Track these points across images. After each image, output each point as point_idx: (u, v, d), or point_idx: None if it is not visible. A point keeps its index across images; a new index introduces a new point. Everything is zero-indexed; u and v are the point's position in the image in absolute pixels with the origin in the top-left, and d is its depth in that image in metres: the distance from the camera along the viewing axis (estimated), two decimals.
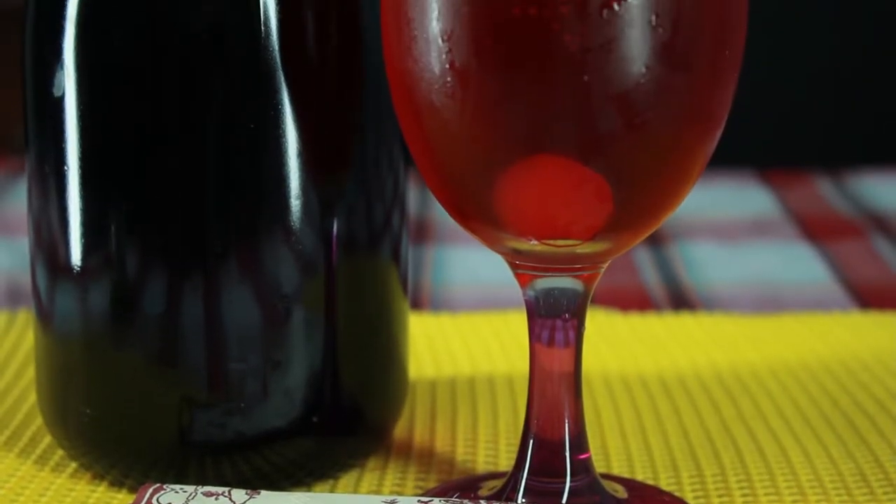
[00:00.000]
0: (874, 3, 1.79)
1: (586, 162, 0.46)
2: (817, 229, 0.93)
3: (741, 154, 1.14)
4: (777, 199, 1.01)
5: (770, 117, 1.74)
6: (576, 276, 0.50)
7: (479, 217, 0.48)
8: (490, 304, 0.78)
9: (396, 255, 0.57)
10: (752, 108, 1.36)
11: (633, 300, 0.79)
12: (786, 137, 1.76)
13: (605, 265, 0.50)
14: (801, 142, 1.75)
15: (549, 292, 0.50)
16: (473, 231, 0.49)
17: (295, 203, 0.52)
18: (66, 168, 0.52)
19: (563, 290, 0.50)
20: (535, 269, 0.49)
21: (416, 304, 0.79)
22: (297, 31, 0.51)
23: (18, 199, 0.99)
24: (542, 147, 0.46)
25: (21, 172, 1.05)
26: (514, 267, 0.50)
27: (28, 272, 0.56)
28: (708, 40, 0.46)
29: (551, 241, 0.48)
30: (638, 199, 0.47)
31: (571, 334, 0.51)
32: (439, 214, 0.96)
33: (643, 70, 0.44)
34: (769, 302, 0.79)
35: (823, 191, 1.03)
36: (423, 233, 0.93)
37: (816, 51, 1.81)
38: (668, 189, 0.48)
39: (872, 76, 1.81)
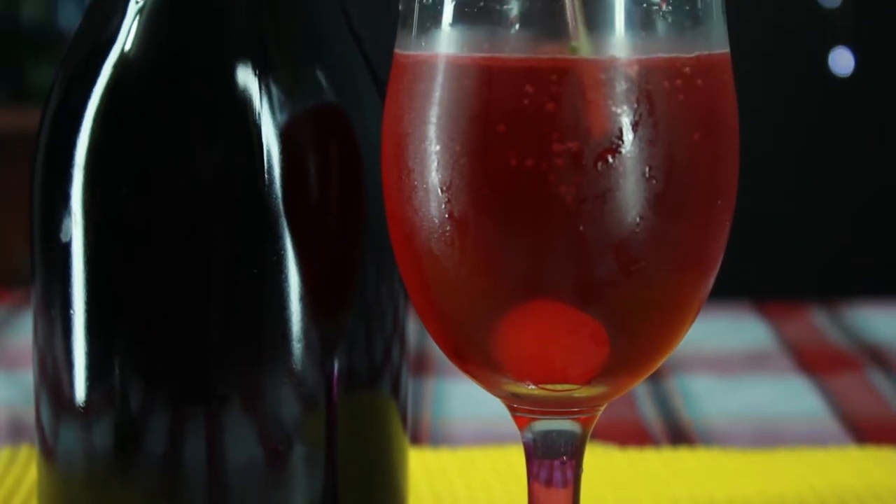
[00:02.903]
0: (870, 136, 1.82)
1: (583, 308, 0.47)
2: (814, 362, 0.94)
3: (737, 285, 1.16)
4: (773, 331, 1.02)
5: (765, 249, 1.76)
6: (574, 419, 0.50)
7: (477, 361, 0.49)
8: (490, 437, 0.79)
9: (396, 390, 0.58)
10: (748, 239, 1.38)
11: (631, 435, 0.80)
12: (781, 269, 1.77)
13: (603, 407, 0.51)
14: (796, 273, 1.77)
15: (546, 434, 0.50)
16: (471, 374, 0.50)
17: (296, 346, 0.53)
18: (71, 311, 0.53)
19: (560, 433, 0.50)
20: (532, 412, 0.50)
21: (416, 439, 0.79)
22: (300, 178, 0.52)
23: (21, 333, 0.99)
24: (539, 293, 0.47)
25: (24, 305, 1.06)
26: (512, 410, 0.50)
27: (30, 407, 0.57)
28: (700, 190, 0.47)
29: (549, 386, 0.48)
30: (634, 344, 0.48)
31: (569, 474, 0.51)
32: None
33: (637, 220, 0.46)
34: (766, 436, 0.80)
35: (819, 322, 1.04)
36: (422, 365, 0.94)
37: (812, 183, 1.83)
38: (663, 333, 0.49)
39: (868, 208, 1.82)
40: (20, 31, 2.03)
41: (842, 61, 1.81)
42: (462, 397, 0.87)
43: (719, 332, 1.01)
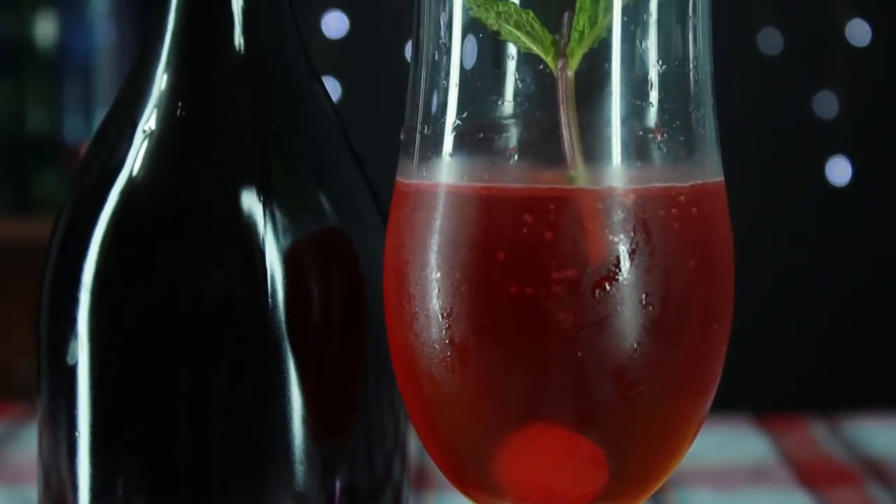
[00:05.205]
0: (868, 245, 1.83)
1: (582, 432, 0.47)
2: (814, 476, 0.94)
3: (737, 398, 1.16)
4: (773, 444, 1.02)
5: (764, 361, 1.76)
6: None
7: (478, 484, 0.49)
8: None
9: None
10: (747, 351, 1.38)
11: None
12: (781, 381, 1.78)
13: None
14: (796, 385, 1.77)
15: None
16: (472, 497, 0.50)
17: (299, 467, 0.53)
18: (77, 433, 0.54)
19: None
20: None
21: None
22: (303, 303, 0.53)
23: (24, 447, 0.99)
24: (539, 418, 0.47)
25: (26, 419, 1.06)
26: None
27: None
28: (697, 316, 0.48)
29: None
30: (634, 467, 0.49)
31: None
32: None
33: (635, 346, 0.46)
34: None
35: (819, 436, 1.04)
36: (423, 480, 0.94)
37: (809, 294, 1.83)
38: (662, 456, 0.50)
39: (866, 320, 1.83)
40: (25, 140, 2.05)
41: (839, 170, 1.83)
42: None
43: (719, 444, 1.01)
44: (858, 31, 1.79)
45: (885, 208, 1.84)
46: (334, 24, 1.78)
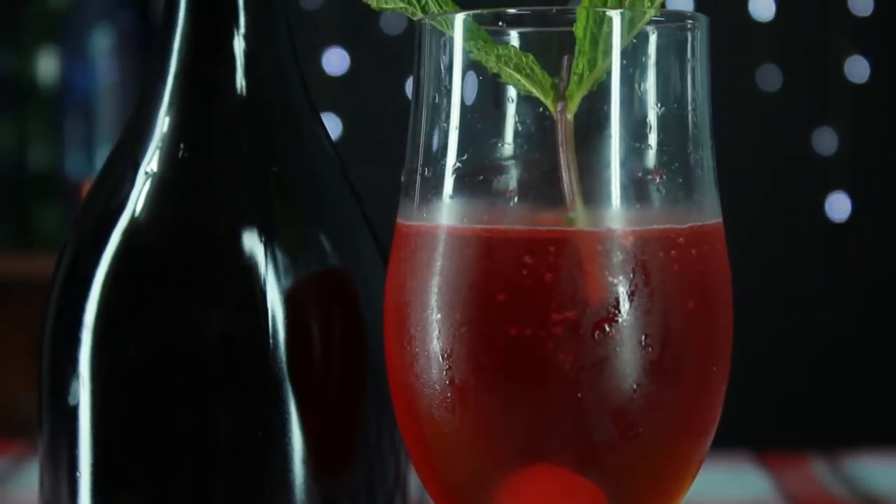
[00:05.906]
0: (868, 281, 1.83)
1: (582, 472, 0.47)
2: None
3: (737, 435, 1.16)
4: (774, 481, 1.02)
5: (764, 397, 1.76)
6: None
7: None
8: None
9: None
10: (748, 389, 1.38)
11: None
12: (781, 419, 1.78)
13: None
14: (796, 423, 1.77)
15: None
16: None
17: None
18: (78, 473, 0.54)
19: None
20: None
21: None
22: (304, 343, 0.53)
23: (25, 484, 0.99)
24: (539, 458, 0.47)
25: (27, 456, 1.06)
26: None
27: None
28: (696, 357, 0.48)
29: None
30: None
31: None
32: None
33: (635, 387, 0.46)
34: None
35: (819, 473, 1.04)
36: None
37: (809, 331, 1.83)
38: (662, 495, 0.50)
39: (866, 356, 1.83)
40: (26, 176, 2.05)
41: (838, 206, 1.83)
42: None
43: (719, 482, 1.01)
44: (857, 68, 1.79)
45: (884, 244, 1.84)
46: (335, 60, 1.78)
